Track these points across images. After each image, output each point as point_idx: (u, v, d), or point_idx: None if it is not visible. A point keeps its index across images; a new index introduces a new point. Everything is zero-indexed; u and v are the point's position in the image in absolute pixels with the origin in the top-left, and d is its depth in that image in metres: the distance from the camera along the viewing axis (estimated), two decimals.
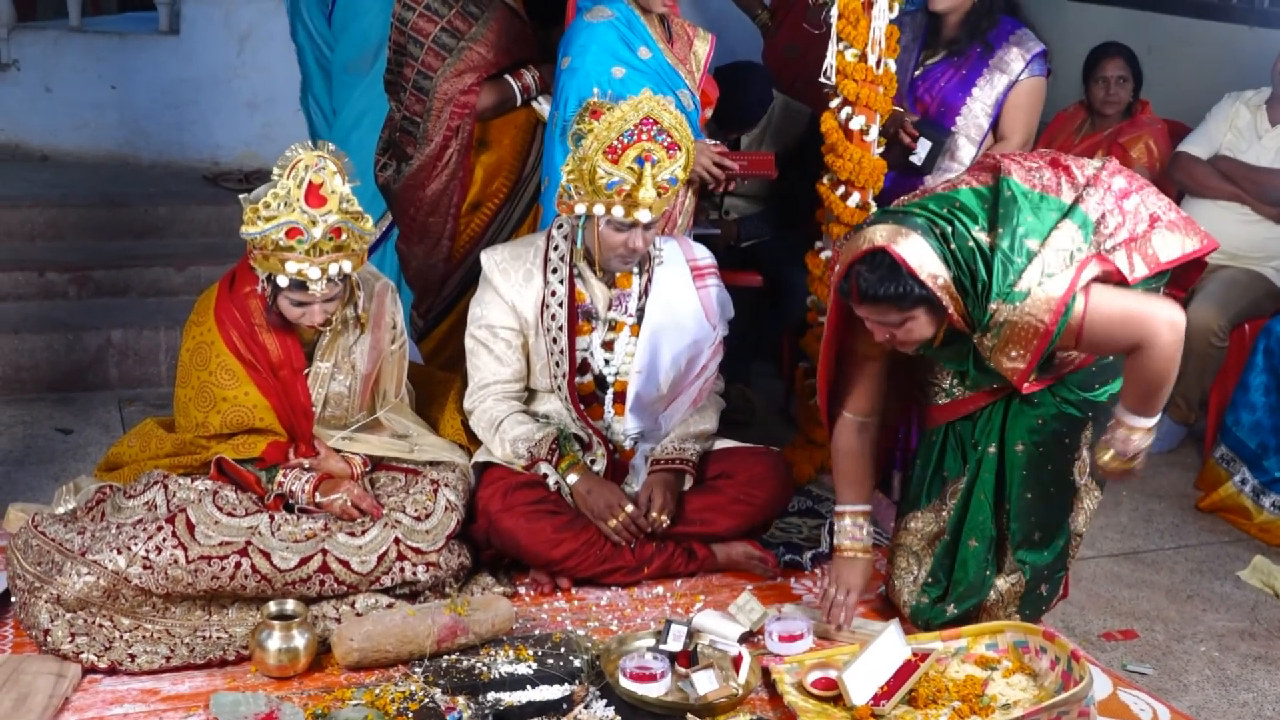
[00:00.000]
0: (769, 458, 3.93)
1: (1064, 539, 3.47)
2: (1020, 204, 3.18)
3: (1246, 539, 4.54)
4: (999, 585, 3.47)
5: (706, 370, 3.92)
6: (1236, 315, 5.01)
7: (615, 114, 3.56)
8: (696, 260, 3.93)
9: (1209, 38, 6.06)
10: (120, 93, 6.92)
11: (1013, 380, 3.23)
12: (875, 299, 3.14)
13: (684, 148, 3.63)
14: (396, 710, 3.05)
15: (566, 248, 3.79)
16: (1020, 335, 3.12)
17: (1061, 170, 3.30)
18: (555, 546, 3.64)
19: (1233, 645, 3.86)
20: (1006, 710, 3.10)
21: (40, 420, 4.91)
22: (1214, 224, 5.11)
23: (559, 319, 3.76)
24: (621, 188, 3.57)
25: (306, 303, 3.46)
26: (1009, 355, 3.17)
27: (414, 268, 4.52)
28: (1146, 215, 3.28)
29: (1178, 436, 5.25)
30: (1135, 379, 3.21)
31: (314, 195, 3.36)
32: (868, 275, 3.13)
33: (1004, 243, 3.13)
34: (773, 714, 3.16)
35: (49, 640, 3.19)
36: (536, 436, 3.74)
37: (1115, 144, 5.39)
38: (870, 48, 4.12)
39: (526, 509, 3.63)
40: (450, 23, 4.23)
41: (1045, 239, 3.14)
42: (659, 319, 3.82)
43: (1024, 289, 3.09)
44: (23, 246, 5.91)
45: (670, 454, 3.82)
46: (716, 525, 3.80)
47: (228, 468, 3.52)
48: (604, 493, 3.69)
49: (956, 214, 3.19)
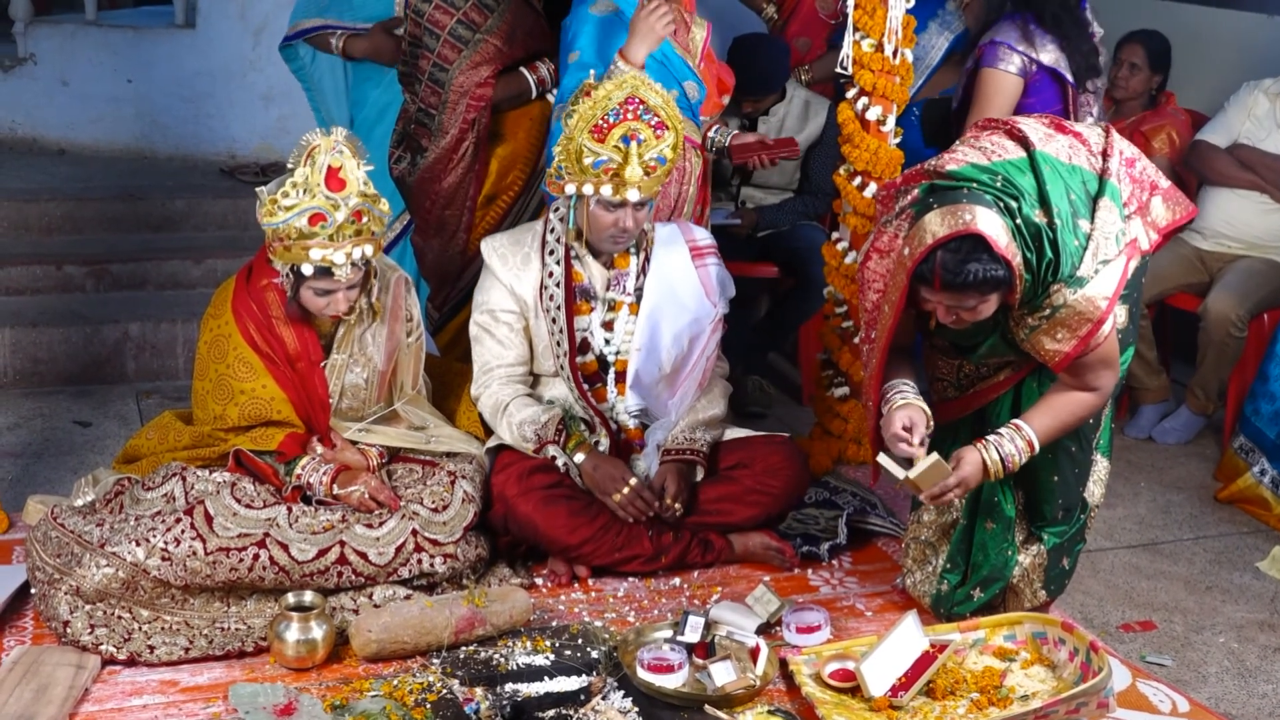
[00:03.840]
0: (785, 447, 3.93)
1: (1084, 510, 3.50)
2: (1061, 179, 3.15)
3: (1266, 530, 4.52)
4: (1021, 561, 3.48)
5: (708, 348, 3.92)
6: (1255, 305, 4.99)
7: (600, 93, 3.58)
8: (695, 240, 3.95)
9: (1227, 26, 6.03)
10: (136, 86, 6.94)
11: (1050, 361, 3.17)
12: (963, 286, 3.02)
13: (672, 127, 3.64)
14: (414, 701, 3.06)
15: (562, 229, 3.80)
16: (1073, 320, 3.09)
17: (1072, 135, 3.29)
18: (572, 531, 3.65)
19: (1252, 636, 3.85)
20: (1025, 701, 3.09)
21: (58, 413, 4.93)
22: (1232, 213, 5.14)
23: (557, 299, 3.78)
24: (608, 167, 3.60)
25: (331, 290, 3.47)
26: (1055, 337, 3.13)
27: (430, 260, 4.53)
28: (1149, 183, 3.33)
29: (1196, 427, 5.23)
30: (1062, 415, 3.25)
31: (334, 179, 3.37)
32: (967, 262, 2.98)
33: (1060, 221, 3.08)
34: (790, 705, 3.16)
35: (68, 632, 3.20)
36: (542, 419, 3.75)
37: (1138, 133, 5.36)
38: (887, 37, 4.11)
39: (543, 493, 3.64)
40: (466, 15, 4.24)
41: (1093, 219, 3.13)
42: (658, 297, 3.83)
43: (1085, 274, 3.08)
44: (40, 240, 5.93)
45: (680, 444, 3.82)
46: (734, 515, 3.80)
47: (245, 460, 3.53)
48: (608, 468, 3.71)
49: (1021, 195, 3.09)
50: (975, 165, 3.15)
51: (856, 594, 3.74)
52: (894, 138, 4.24)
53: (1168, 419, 5.26)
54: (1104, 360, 3.19)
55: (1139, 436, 5.22)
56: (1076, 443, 3.38)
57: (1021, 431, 3.25)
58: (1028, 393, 3.37)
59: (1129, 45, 5.43)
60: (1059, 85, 4.61)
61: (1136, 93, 5.43)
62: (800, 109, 5.17)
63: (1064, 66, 4.56)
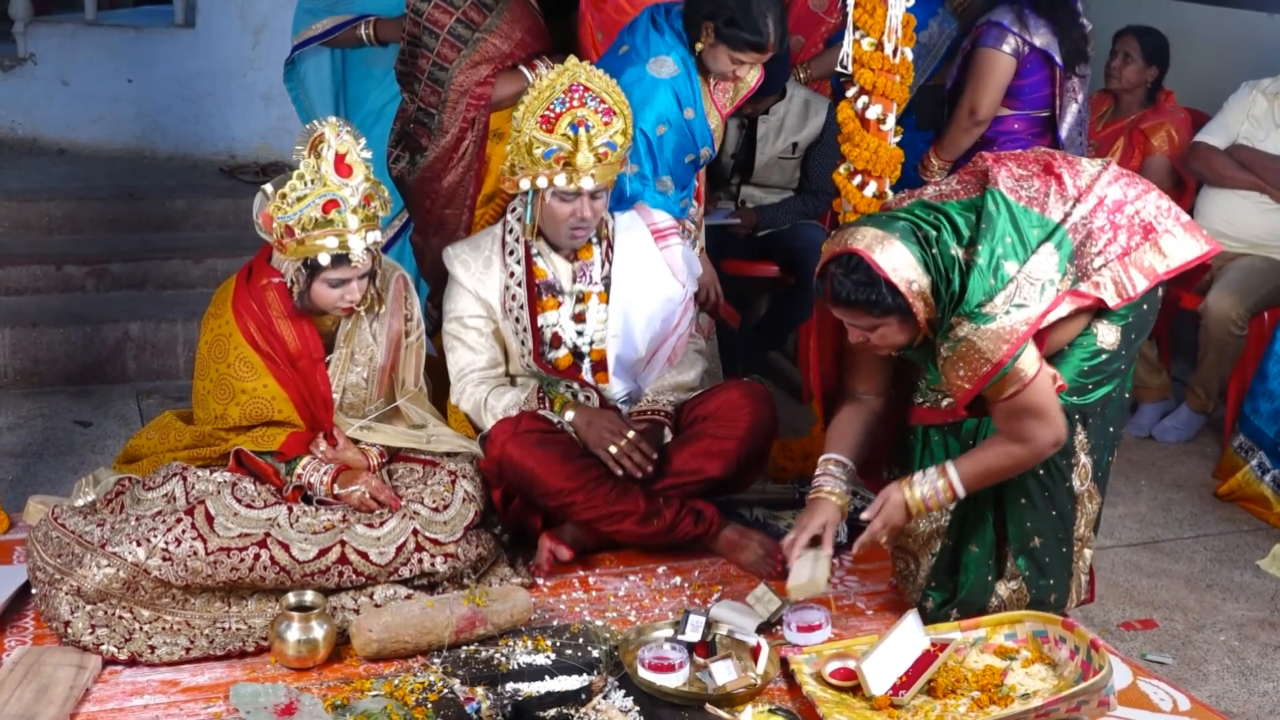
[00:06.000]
0: (740, 385, 3.94)
1: (1067, 546, 3.41)
2: (1002, 218, 3.15)
3: (1266, 528, 4.52)
4: (999, 591, 3.44)
5: (679, 327, 3.94)
6: (1256, 304, 4.98)
7: (543, 83, 3.63)
8: (655, 223, 3.96)
9: (1226, 24, 6.03)
10: (136, 86, 6.94)
11: (954, 396, 3.20)
12: (848, 303, 3.13)
13: (619, 113, 3.67)
14: (415, 701, 3.06)
15: (521, 229, 3.82)
16: (971, 359, 3.09)
17: (1053, 179, 3.26)
18: (567, 477, 3.64)
19: (1252, 634, 3.85)
20: (1026, 700, 3.09)
21: (59, 413, 4.93)
22: (1232, 213, 5.14)
23: (520, 299, 3.81)
24: (559, 155, 3.63)
25: (346, 280, 3.48)
26: (957, 373, 3.14)
27: (429, 259, 4.52)
28: (1141, 227, 3.24)
29: (1196, 425, 5.23)
30: (990, 464, 3.24)
31: (342, 165, 3.42)
32: (842, 279, 3.11)
33: (981, 260, 3.09)
34: (791, 704, 3.16)
35: (69, 632, 3.20)
36: (522, 396, 3.80)
37: (1137, 130, 5.38)
38: (887, 36, 4.11)
39: (538, 437, 3.65)
40: (465, 14, 4.24)
41: (1024, 264, 3.12)
42: (626, 282, 3.86)
43: (990, 313, 3.06)
44: (40, 240, 5.93)
45: (644, 406, 3.87)
46: (710, 469, 3.80)
47: (246, 460, 3.53)
48: (603, 421, 3.73)
49: (944, 224, 3.17)
50: (923, 202, 3.26)
51: (857, 593, 3.75)
52: (894, 136, 4.24)
53: (1168, 417, 5.26)
54: (1030, 411, 3.13)
55: (1139, 435, 5.22)
56: (1044, 468, 3.29)
57: (946, 475, 3.26)
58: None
59: (1124, 37, 5.47)
60: (1048, 68, 4.82)
61: (1131, 84, 5.44)
62: (800, 108, 5.17)
63: (1055, 50, 4.78)
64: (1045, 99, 4.86)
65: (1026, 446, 3.19)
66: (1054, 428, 3.17)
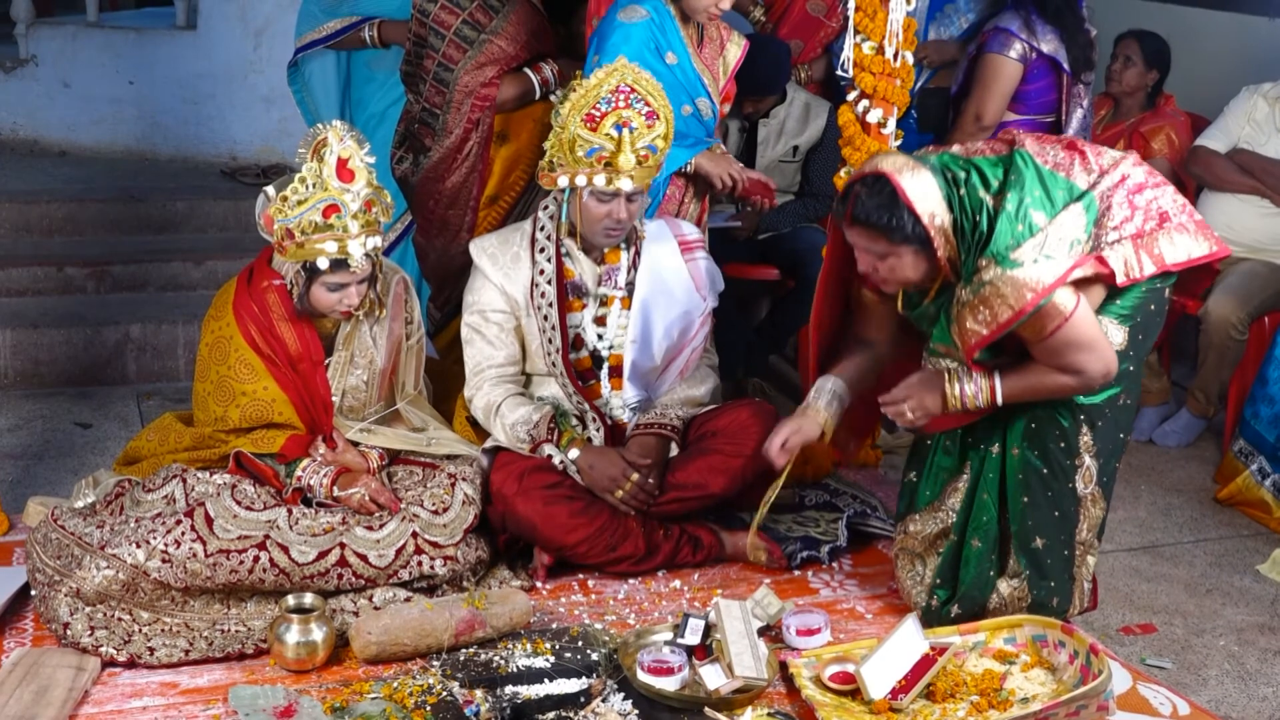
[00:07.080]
0: (751, 405, 3.94)
1: (1068, 549, 3.41)
2: (1030, 174, 3.17)
3: (1266, 533, 4.52)
4: (1000, 589, 3.44)
5: (694, 341, 3.95)
6: (1256, 308, 4.98)
7: (591, 81, 3.60)
8: (684, 235, 3.97)
9: (1227, 28, 6.03)
10: (138, 88, 6.94)
11: (963, 347, 3.18)
12: (866, 224, 3.12)
13: (663, 117, 3.66)
14: (414, 703, 3.06)
15: (553, 227, 3.81)
16: (994, 302, 3.08)
17: (1077, 154, 3.29)
18: (570, 532, 3.65)
19: (1252, 639, 3.85)
20: (1025, 704, 3.09)
21: (59, 414, 4.93)
22: (1233, 217, 5.13)
23: (548, 296, 3.79)
24: (601, 155, 3.61)
25: (345, 284, 3.48)
26: (975, 317, 3.12)
27: (432, 260, 4.54)
28: (1157, 213, 3.26)
29: (1197, 430, 5.22)
30: (1036, 383, 3.22)
31: (344, 170, 3.42)
32: (865, 198, 3.11)
33: (1009, 206, 3.11)
34: (790, 707, 3.16)
35: (68, 633, 3.20)
36: (534, 418, 3.76)
37: (1137, 133, 5.37)
38: (887, 40, 4.11)
39: (543, 493, 3.65)
40: (471, 15, 4.25)
41: (1053, 218, 3.13)
42: (649, 290, 3.85)
43: (1019, 259, 3.07)
44: (41, 241, 5.93)
45: (651, 419, 3.85)
46: (713, 485, 3.80)
47: (246, 462, 3.53)
48: (606, 466, 3.71)
49: (972, 170, 3.19)
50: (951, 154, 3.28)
51: (857, 596, 3.75)
52: (895, 140, 4.24)
53: (1168, 422, 5.26)
54: (1075, 345, 3.12)
55: (1139, 439, 5.21)
56: (1047, 465, 3.31)
57: (991, 379, 3.24)
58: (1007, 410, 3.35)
59: (1125, 40, 5.48)
60: (1055, 74, 4.89)
61: (1131, 87, 5.44)
62: (800, 111, 5.16)
63: (1062, 56, 4.85)
64: (1050, 104, 4.88)
65: (1077, 378, 3.17)
66: (1103, 357, 3.15)
